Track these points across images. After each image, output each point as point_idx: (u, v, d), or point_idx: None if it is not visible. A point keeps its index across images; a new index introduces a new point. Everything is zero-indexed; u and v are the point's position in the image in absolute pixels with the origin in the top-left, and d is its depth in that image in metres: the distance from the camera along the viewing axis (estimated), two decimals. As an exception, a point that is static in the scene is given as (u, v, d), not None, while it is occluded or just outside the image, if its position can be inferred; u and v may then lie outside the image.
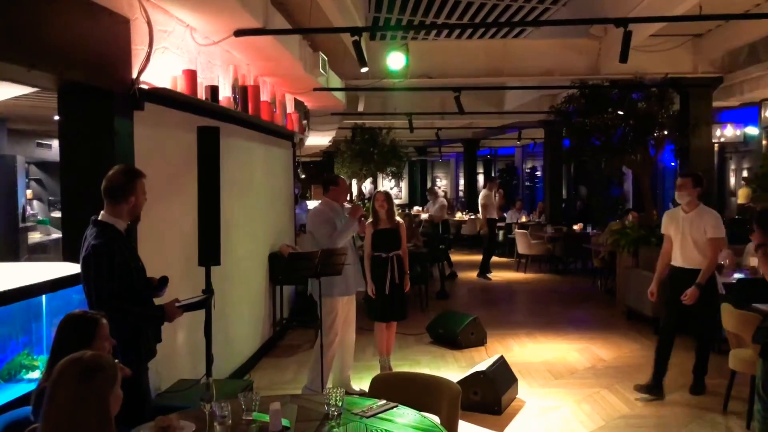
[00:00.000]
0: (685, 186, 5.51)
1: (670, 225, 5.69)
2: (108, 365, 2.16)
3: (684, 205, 5.56)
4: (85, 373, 2.09)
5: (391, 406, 3.07)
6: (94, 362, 2.13)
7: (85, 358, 2.13)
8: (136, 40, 4.28)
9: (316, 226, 5.65)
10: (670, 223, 5.70)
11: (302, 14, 6.27)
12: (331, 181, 5.84)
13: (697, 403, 5.53)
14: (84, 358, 2.14)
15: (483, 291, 11.46)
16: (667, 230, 5.74)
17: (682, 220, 5.55)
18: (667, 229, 5.73)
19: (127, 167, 3.43)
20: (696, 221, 5.46)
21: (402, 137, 16.24)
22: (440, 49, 10.65)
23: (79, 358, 2.14)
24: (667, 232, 5.73)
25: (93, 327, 2.69)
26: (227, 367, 5.91)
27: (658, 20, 7.14)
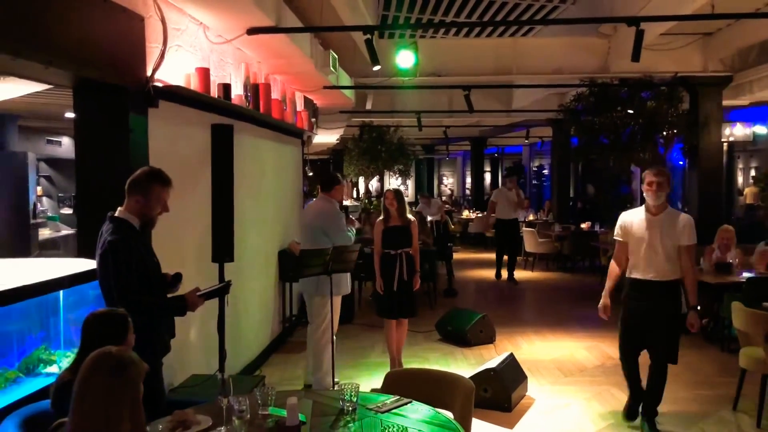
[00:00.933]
0: (665, 183, 4.65)
1: (630, 230, 4.78)
2: (137, 359, 2.20)
3: (654, 206, 4.68)
4: (118, 366, 2.13)
5: (405, 402, 3.10)
6: (125, 356, 2.17)
7: (115, 353, 2.17)
8: (150, 38, 4.31)
9: (335, 223, 5.71)
10: (630, 228, 4.78)
11: (313, 12, 6.29)
12: (334, 181, 5.92)
13: (708, 401, 5.54)
14: (114, 352, 2.18)
15: (491, 289, 11.47)
16: (625, 236, 4.83)
17: (649, 224, 4.67)
18: (626, 235, 4.81)
19: (153, 170, 3.43)
20: (668, 226, 4.63)
21: (409, 135, 16.25)
22: (449, 48, 10.66)
23: (109, 352, 2.17)
24: (625, 238, 4.82)
25: (125, 324, 2.76)
26: (238, 363, 5.95)
27: (669, 19, 7.13)
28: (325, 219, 5.77)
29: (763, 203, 9.14)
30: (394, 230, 6.09)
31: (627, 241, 4.80)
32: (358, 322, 8.49)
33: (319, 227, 5.75)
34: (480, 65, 9.83)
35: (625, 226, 4.83)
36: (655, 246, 4.64)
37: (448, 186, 29.19)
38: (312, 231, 5.80)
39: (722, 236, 7.60)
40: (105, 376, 2.13)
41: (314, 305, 5.76)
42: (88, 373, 2.15)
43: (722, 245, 7.52)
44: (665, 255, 4.63)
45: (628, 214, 4.87)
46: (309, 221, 5.90)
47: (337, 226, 5.71)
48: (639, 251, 4.72)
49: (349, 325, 8.21)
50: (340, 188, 5.93)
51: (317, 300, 5.70)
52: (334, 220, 5.73)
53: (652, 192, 4.64)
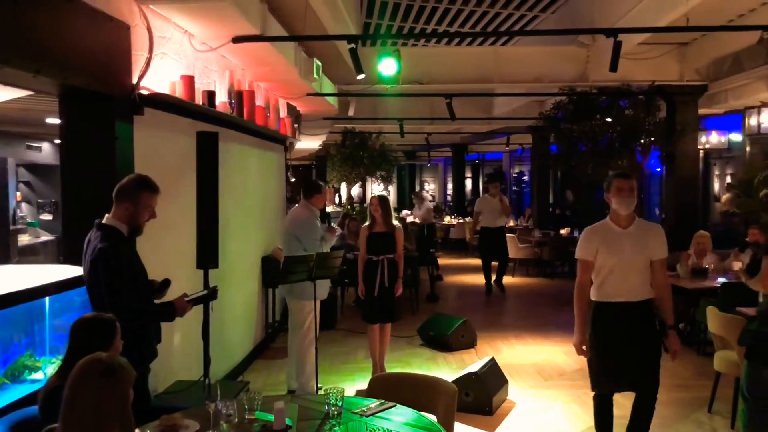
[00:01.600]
0: (633, 189, 4.08)
1: (599, 246, 4.06)
2: (126, 365, 2.24)
3: (624, 216, 4.06)
4: (108, 372, 2.16)
5: (390, 406, 3.16)
6: (115, 362, 2.21)
7: (105, 359, 2.20)
8: (136, 46, 4.35)
9: (307, 231, 5.76)
10: (599, 245, 4.06)
11: (297, 20, 6.35)
12: (315, 188, 5.99)
13: (684, 403, 5.66)
14: (104, 358, 2.21)
15: (472, 294, 11.57)
16: (589, 254, 4.08)
17: (620, 238, 4.04)
18: (591, 253, 4.07)
19: (141, 177, 3.48)
20: (640, 238, 4.05)
21: (391, 142, 16.33)
22: (431, 56, 10.77)
23: (99, 358, 2.20)
24: (590, 257, 4.08)
25: (113, 329, 2.78)
26: (221, 369, 5.97)
27: (646, 31, 7.29)
28: (298, 226, 5.83)
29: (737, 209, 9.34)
30: (378, 236, 6.16)
31: (592, 261, 4.08)
32: (341, 327, 8.54)
33: (292, 233, 5.82)
34: (462, 73, 9.95)
35: (590, 243, 4.09)
36: (629, 263, 4.00)
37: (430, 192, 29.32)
38: (287, 237, 5.89)
39: (698, 242, 7.75)
40: (95, 382, 2.16)
41: (294, 310, 5.81)
42: (78, 379, 2.18)
43: (698, 251, 7.68)
44: (639, 272, 4.03)
45: (592, 230, 4.15)
46: (285, 228, 6.02)
47: (309, 233, 5.74)
48: (608, 270, 4.03)
49: (332, 331, 8.26)
50: (320, 196, 5.99)
51: (297, 305, 5.75)
52: (306, 228, 5.78)
53: (623, 199, 4.00)
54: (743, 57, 8.80)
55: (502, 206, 11.10)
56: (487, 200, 11.25)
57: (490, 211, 11.07)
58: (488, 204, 11.14)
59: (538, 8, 10.64)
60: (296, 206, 6.24)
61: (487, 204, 11.16)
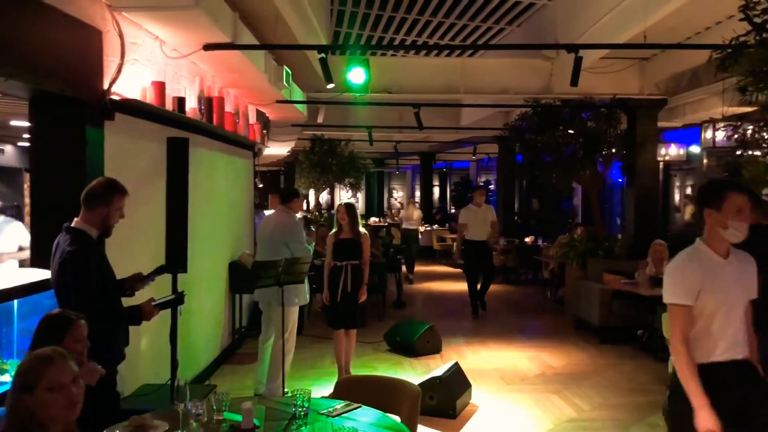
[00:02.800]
0: None
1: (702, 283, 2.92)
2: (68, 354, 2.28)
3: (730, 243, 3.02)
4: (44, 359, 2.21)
5: (355, 407, 3.25)
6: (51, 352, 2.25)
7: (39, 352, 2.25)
8: (108, 52, 4.39)
9: (296, 235, 5.88)
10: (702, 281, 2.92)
11: (268, 28, 6.43)
12: (293, 194, 6.12)
13: (640, 407, 5.85)
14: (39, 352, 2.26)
15: (438, 301, 11.72)
16: (691, 295, 2.91)
17: (723, 272, 2.97)
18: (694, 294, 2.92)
19: (111, 181, 3.52)
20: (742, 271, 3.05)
21: (360, 149, 16.45)
22: (400, 66, 10.92)
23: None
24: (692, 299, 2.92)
25: (65, 325, 2.78)
26: (188, 373, 5.97)
27: (604, 47, 7.54)
28: (288, 232, 5.91)
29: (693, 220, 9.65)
30: (344, 243, 6.26)
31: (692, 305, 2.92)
32: (308, 333, 8.59)
33: (280, 239, 5.88)
34: (429, 83, 10.11)
35: (694, 279, 2.92)
36: (733, 306, 2.96)
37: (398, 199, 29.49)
38: (273, 243, 5.91)
39: (656, 250, 7.99)
40: None
41: (275, 315, 5.84)
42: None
43: (656, 259, 7.92)
44: (740, 319, 2.98)
45: (690, 258, 3.00)
46: (270, 233, 6.02)
47: (298, 237, 5.88)
48: (720, 317, 2.92)
49: (299, 336, 8.28)
50: (299, 201, 6.16)
51: (286, 311, 5.77)
52: (295, 232, 5.90)
53: (744, 224, 2.94)
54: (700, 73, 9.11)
55: (491, 222, 10.08)
56: (473, 211, 10.12)
57: (476, 224, 10.04)
58: (474, 215, 10.07)
59: (504, 21, 10.87)
60: (274, 212, 6.30)
61: (473, 215, 10.08)
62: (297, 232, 5.93)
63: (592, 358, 7.57)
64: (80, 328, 2.83)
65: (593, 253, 9.60)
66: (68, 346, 2.74)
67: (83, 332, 2.84)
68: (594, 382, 6.61)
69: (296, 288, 5.67)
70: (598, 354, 7.78)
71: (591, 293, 8.70)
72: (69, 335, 2.76)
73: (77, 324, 2.81)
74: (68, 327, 2.78)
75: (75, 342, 2.78)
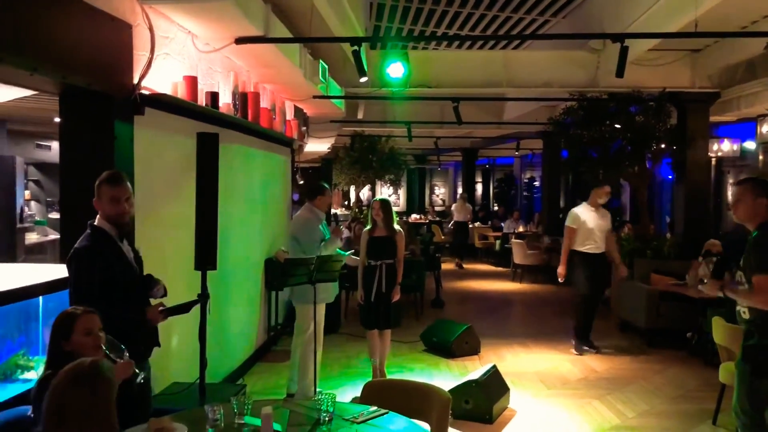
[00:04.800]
0: None
1: None
2: (108, 371, 2.21)
3: None
4: (89, 382, 2.14)
5: (382, 413, 3.11)
6: (95, 368, 2.18)
7: (86, 367, 2.18)
8: (138, 46, 4.33)
9: (305, 233, 5.76)
10: None
11: (303, 22, 6.33)
12: (318, 190, 5.96)
13: (688, 415, 5.56)
14: (85, 366, 2.18)
15: (478, 300, 11.49)
16: None
17: None
18: None
19: (105, 173, 3.41)
20: None
21: (401, 145, 16.30)
22: (440, 59, 10.71)
23: (79, 368, 2.18)
24: None
25: (69, 321, 2.75)
26: (221, 371, 5.94)
27: (653, 36, 7.21)
28: (298, 228, 5.85)
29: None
30: (378, 241, 6.11)
31: None
32: (344, 331, 8.49)
33: (292, 235, 5.84)
34: (470, 77, 9.88)
35: None
36: None
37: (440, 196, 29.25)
38: (289, 239, 5.92)
39: (708, 250, 7.65)
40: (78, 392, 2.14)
41: (298, 313, 5.80)
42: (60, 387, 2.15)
43: (709, 260, 7.56)
44: None
45: None
46: (289, 230, 6.00)
47: (306, 235, 5.73)
48: None
49: (335, 335, 8.22)
50: (322, 198, 5.94)
51: (299, 308, 5.73)
52: (304, 230, 5.78)
53: None
54: (756, 64, 8.68)
55: (607, 231, 7.84)
56: (587, 214, 7.78)
57: (593, 229, 7.69)
58: (589, 218, 7.72)
59: (549, 12, 10.55)
60: (301, 209, 6.21)
61: (589, 218, 7.73)
62: (306, 229, 5.77)
63: (637, 362, 7.26)
64: (86, 320, 2.77)
65: (641, 252, 9.24)
66: (78, 341, 2.70)
67: (91, 324, 2.78)
68: (639, 388, 6.33)
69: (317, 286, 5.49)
70: (644, 358, 7.46)
71: (638, 294, 8.36)
72: (75, 330, 2.73)
73: (82, 317, 2.76)
74: (73, 323, 2.74)
75: (84, 335, 2.74)
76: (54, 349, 2.74)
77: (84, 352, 2.64)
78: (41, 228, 11.09)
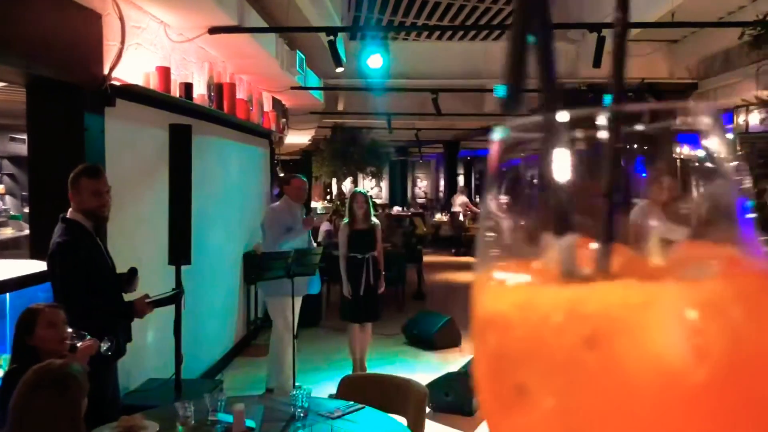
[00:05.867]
0: None
1: None
2: (80, 374, 2.17)
3: None
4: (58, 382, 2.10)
5: (358, 408, 3.08)
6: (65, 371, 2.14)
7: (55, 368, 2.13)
8: (108, 36, 4.24)
9: (268, 222, 5.74)
10: None
11: (279, 11, 6.25)
12: (285, 181, 5.99)
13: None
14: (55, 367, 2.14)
15: (459, 292, 11.48)
16: None
17: None
18: None
19: (84, 166, 3.39)
20: None
21: (383, 137, 16.24)
22: (420, 51, 10.68)
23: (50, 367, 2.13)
24: None
25: (31, 317, 2.73)
26: (199, 367, 5.87)
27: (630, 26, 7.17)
28: (264, 217, 5.88)
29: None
30: (361, 233, 6.07)
31: None
32: (325, 324, 8.44)
33: (260, 225, 5.86)
34: (450, 69, 9.86)
35: None
36: None
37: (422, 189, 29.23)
38: None
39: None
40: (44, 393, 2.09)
41: (271, 307, 5.73)
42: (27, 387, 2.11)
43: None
44: None
45: None
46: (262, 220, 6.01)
47: (271, 224, 5.67)
48: None
49: (316, 328, 8.16)
50: (288, 189, 5.91)
51: (269, 301, 5.67)
52: (267, 218, 5.78)
53: None
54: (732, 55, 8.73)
55: None
56: (651, 209, 7.65)
57: None
58: (655, 215, 7.64)
59: (528, 4, 10.55)
60: None
61: (654, 215, 7.63)
62: (267, 217, 5.81)
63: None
64: (47, 314, 2.76)
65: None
66: (41, 335, 2.67)
67: (55, 318, 2.76)
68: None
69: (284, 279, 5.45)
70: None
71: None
72: (38, 324, 2.71)
73: (45, 312, 2.74)
74: (35, 317, 2.72)
75: (47, 328, 2.72)
76: (18, 345, 2.73)
77: (48, 346, 2.61)
78: (16, 223, 10.90)
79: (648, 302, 0.32)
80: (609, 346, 0.32)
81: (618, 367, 0.32)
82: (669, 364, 0.31)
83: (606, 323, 0.32)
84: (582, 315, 0.32)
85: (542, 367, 0.33)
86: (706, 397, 0.32)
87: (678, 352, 0.31)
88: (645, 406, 0.31)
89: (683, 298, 0.32)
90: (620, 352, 0.31)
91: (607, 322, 0.32)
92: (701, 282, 0.33)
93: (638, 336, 0.32)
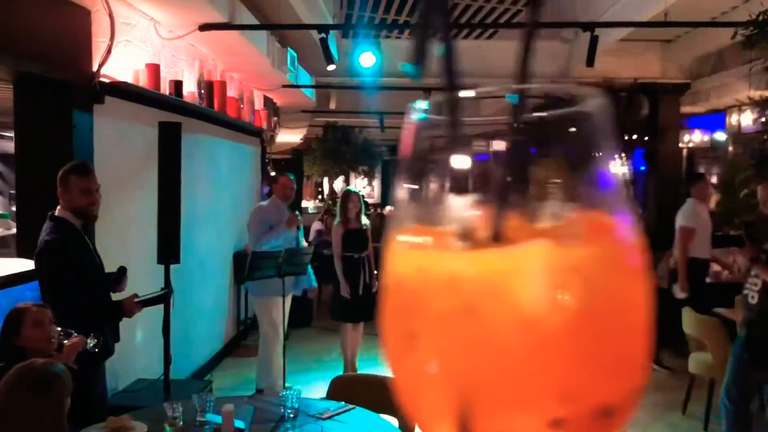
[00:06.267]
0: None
1: None
2: (64, 374, 2.14)
3: None
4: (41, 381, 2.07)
5: (348, 408, 3.05)
6: (49, 370, 2.10)
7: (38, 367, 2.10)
8: (97, 33, 4.19)
9: (251, 222, 5.70)
10: None
11: (270, 9, 6.20)
12: (273, 179, 5.92)
13: (658, 405, 5.58)
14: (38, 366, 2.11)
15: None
16: None
17: None
18: None
19: (73, 163, 3.36)
20: None
21: (375, 136, 16.19)
22: (412, 49, 10.63)
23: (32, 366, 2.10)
24: None
25: (18, 317, 2.70)
26: (188, 367, 5.82)
27: (623, 25, 7.21)
28: (249, 216, 5.81)
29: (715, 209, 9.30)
30: (355, 233, 6.04)
31: None
32: (316, 325, 8.40)
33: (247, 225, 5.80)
34: (443, 68, 9.82)
35: None
36: None
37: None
38: None
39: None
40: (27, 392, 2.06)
41: (257, 307, 5.68)
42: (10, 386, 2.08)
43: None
44: None
45: None
46: None
47: (254, 222, 5.63)
48: None
49: (307, 329, 8.12)
50: (275, 187, 5.87)
51: (255, 301, 5.63)
52: (251, 217, 5.73)
53: None
54: (726, 55, 8.74)
55: None
56: (699, 211, 6.44)
57: (704, 230, 6.41)
58: (701, 218, 6.43)
59: (521, 2, 10.52)
60: None
61: (701, 218, 6.43)
62: (251, 216, 5.76)
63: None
64: (34, 314, 2.73)
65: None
66: (27, 335, 2.64)
67: (41, 317, 2.74)
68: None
69: None
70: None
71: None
72: (25, 324, 2.68)
73: (30, 311, 2.71)
74: (22, 317, 2.69)
75: (34, 327, 2.69)
76: (5, 344, 2.68)
77: (35, 345, 2.58)
78: (4, 221, 10.82)
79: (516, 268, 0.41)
80: (483, 304, 0.40)
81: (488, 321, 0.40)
82: (530, 313, 0.40)
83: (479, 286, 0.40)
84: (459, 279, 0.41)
85: (428, 318, 0.42)
86: (563, 340, 0.40)
87: (538, 303, 0.40)
88: (508, 348, 0.40)
89: (551, 260, 0.41)
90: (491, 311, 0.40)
91: (479, 285, 0.40)
92: (568, 246, 0.41)
93: (506, 296, 0.40)
